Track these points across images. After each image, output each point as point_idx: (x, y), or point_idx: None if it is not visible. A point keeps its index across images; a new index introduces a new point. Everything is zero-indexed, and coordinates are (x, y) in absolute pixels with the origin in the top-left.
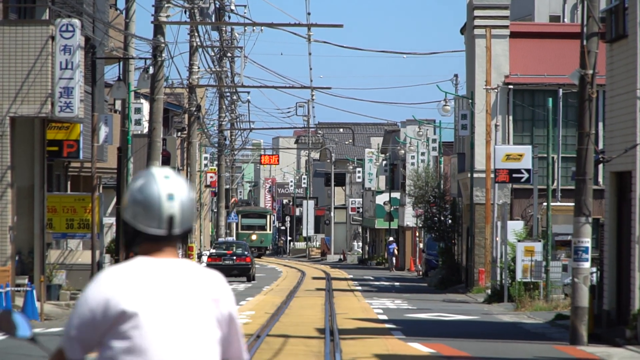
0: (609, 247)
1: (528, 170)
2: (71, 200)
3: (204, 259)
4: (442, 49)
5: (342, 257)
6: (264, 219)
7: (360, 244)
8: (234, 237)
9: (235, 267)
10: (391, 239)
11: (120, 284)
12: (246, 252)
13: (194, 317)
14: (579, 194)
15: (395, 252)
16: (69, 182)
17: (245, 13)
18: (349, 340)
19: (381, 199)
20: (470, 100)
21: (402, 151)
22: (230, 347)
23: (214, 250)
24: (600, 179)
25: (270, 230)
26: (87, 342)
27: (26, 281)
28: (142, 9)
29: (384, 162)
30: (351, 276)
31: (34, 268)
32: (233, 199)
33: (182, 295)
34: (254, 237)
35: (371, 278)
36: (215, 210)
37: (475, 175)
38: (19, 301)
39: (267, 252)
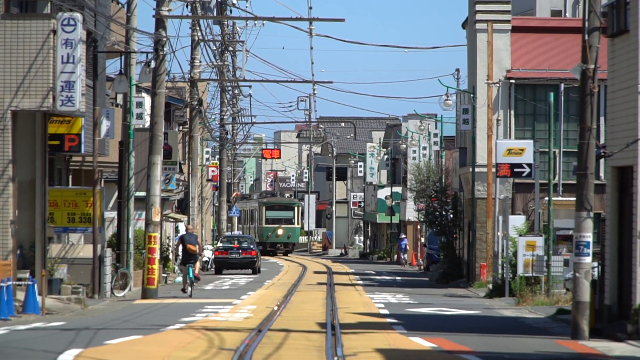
0: (610, 241)
1: (529, 165)
2: (72, 194)
3: (207, 253)
4: (443, 44)
5: (343, 251)
6: (292, 211)
7: (362, 238)
8: (249, 233)
9: (241, 260)
10: (403, 235)
11: None
12: (252, 246)
13: None
14: (581, 188)
15: (407, 247)
16: (70, 176)
17: (247, 7)
18: (350, 334)
19: (383, 194)
20: (471, 95)
21: (404, 145)
22: None
23: (220, 244)
24: (601, 174)
25: (298, 223)
26: None
27: (27, 275)
28: (144, 3)
29: (386, 157)
30: (352, 270)
31: (35, 262)
32: (235, 193)
33: None
34: (280, 231)
35: (372, 272)
36: (217, 204)
37: (476, 169)
38: (20, 295)
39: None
